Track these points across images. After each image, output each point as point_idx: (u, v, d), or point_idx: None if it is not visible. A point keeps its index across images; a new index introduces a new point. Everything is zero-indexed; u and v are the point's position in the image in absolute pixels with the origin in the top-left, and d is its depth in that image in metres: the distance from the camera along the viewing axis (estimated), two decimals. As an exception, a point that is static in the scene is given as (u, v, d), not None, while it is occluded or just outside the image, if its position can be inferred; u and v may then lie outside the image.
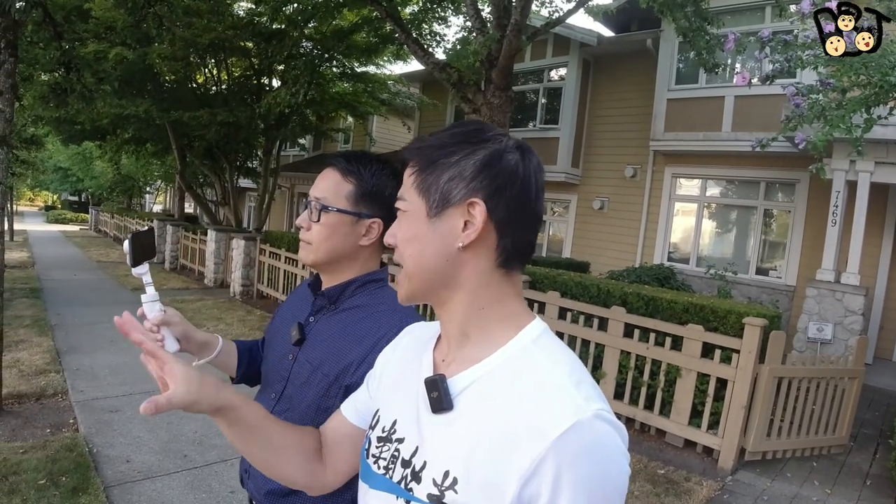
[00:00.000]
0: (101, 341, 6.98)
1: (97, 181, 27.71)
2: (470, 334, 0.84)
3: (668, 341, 4.89)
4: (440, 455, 0.78)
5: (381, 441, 0.89)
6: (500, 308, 0.83)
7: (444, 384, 0.81)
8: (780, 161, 8.86)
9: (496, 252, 0.81)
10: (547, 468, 0.67)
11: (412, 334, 1.05)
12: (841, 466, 4.80)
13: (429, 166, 0.83)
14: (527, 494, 0.69)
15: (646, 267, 9.26)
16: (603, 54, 11.53)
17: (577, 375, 0.75)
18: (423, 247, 0.83)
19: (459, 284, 0.83)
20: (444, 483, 0.75)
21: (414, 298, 0.87)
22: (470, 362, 0.82)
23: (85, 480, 3.55)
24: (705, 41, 6.30)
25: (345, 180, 1.35)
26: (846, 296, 7.01)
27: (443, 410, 0.80)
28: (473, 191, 0.80)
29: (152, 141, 14.43)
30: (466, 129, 0.85)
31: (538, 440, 0.68)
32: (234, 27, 10.04)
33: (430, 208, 0.83)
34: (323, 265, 1.39)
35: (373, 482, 0.88)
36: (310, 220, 1.35)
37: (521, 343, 0.80)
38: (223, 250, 12.37)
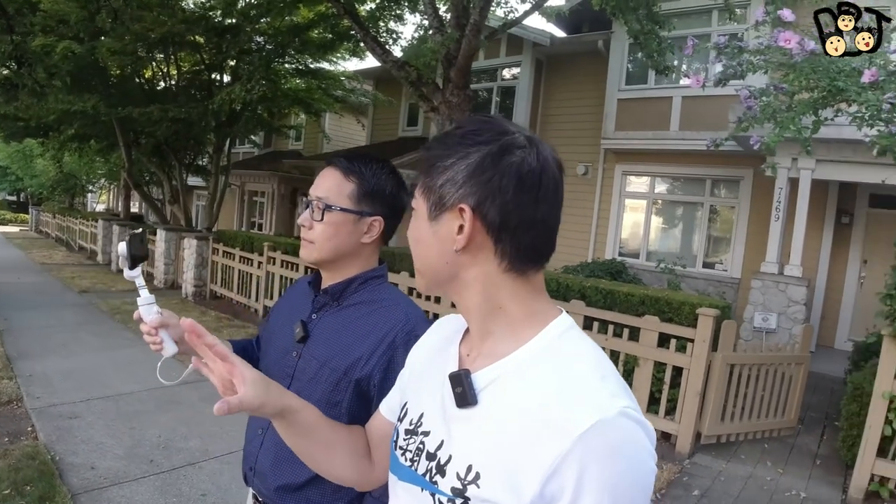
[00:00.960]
0: (52, 345, 6.75)
1: (38, 180, 26.57)
2: (492, 330, 0.84)
3: (626, 332, 5.04)
4: (464, 449, 0.78)
5: (408, 433, 0.90)
6: (519, 306, 0.82)
7: (469, 379, 0.81)
8: (726, 159, 9.22)
9: (497, 257, 0.80)
10: (570, 466, 0.67)
11: (440, 326, 1.06)
12: (791, 448, 5.07)
13: (429, 168, 0.84)
14: (549, 491, 0.68)
15: (598, 262, 9.50)
16: (556, 54, 11.72)
17: (603, 371, 0.75)
18: (425, 248, 0.85)
19: (467, 285, 0.83)
20: (467, 477, 0.75)
21: (431, 290, 0.91)
22: (495, 357, 0.82)
23: (51, 489, 3.45)
24: (656, 44, 6.51)
25: (347, 180, 1.38)
26: (789, 287, 7.36)
27: (467, 405, 0.80)
28: (463, 196, 0.79)
29: (97, 138, 13.90)
30: (465, 130, 0.83)
31: (561, 437, 0.68)
32: (185, 21, 9.78)
33: (429, 211, 0.83)
34: (326, 263, 1.41)
35: (400, 473, 0.89)
36: (312, 220, 1.37)
37: (547, 339, 0.80)
38: (173, 250, 12.07)
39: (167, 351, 1.28)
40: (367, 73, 15.16)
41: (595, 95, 10.96)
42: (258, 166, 17.87)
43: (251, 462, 1.42)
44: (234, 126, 12.15)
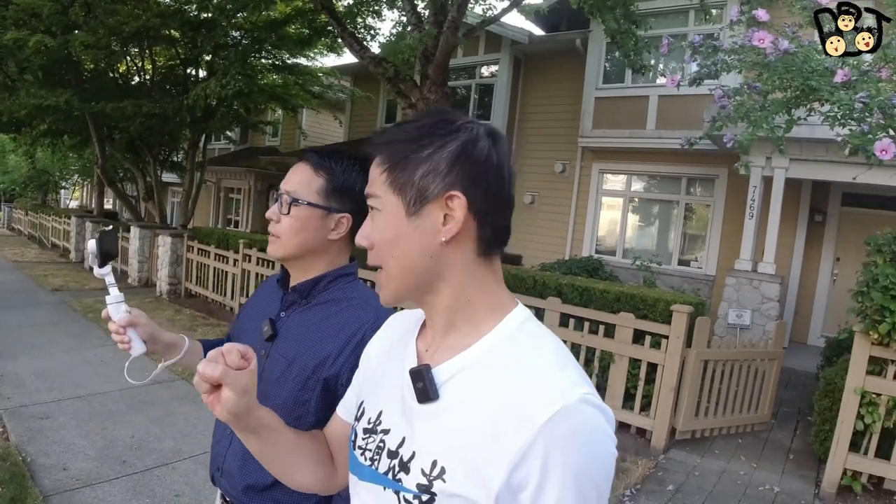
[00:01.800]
0: (22, 346, 6.62)
1: (10, 176, 26.09)
2: (457, 324, 0.84)
3: (601, 329, 5.08)
4: (428, 445, 0.78)
5: (366, 433, 0.89)
6: (485, 297, 0.83)
7: (430, 374, 0.81)
8: (701, 158, 9.30)
9: (477, 241, 0.81)
10: (535, 454, 0.68)
11: (394, 323, 1.05)
12: (765, 442, 5.14)
13: (400, 162, 0.81)
14: (515, 480, 0.69)
15: (575, 259, 9.55)
16: (534, 52, 11.75)
17: (562, 360, 0.76)
18: (406, 247, 0.82)
19: (446, 279, 0.82)
20: (432, 472, 0.75)
21: (400, 299, 0.86)
22: (455, 351, 0.82)
23: (22, 490, 3.40)
24: (633, 43, 6.55)
25: (316, 175, 1.36)
26: (763, 284, 7.47)
27: (429, 400, 0.80)
28: (450, 184, 0.79)
29: (70, 133, 13.66)
30: (434, 120, 0.83)
31: (525, 426, 0.69)
32: (160, 15, 9.64)
33: (408, 206, 0.81)
34: (292, 259, 1.39)
35: (360, 473, 0.88)
36: (279, 213, 1.35)
37: (506, 330, 0.81)
38: (147, 248, 11.89)
39: (135, 350, 1.27)
40: (345, 69, 15.06)
41: (573, 94, 11.01)
42: (234, 162, 17.68)
43: (219, 463, 1.41)
44: (209, 122, 12.02)
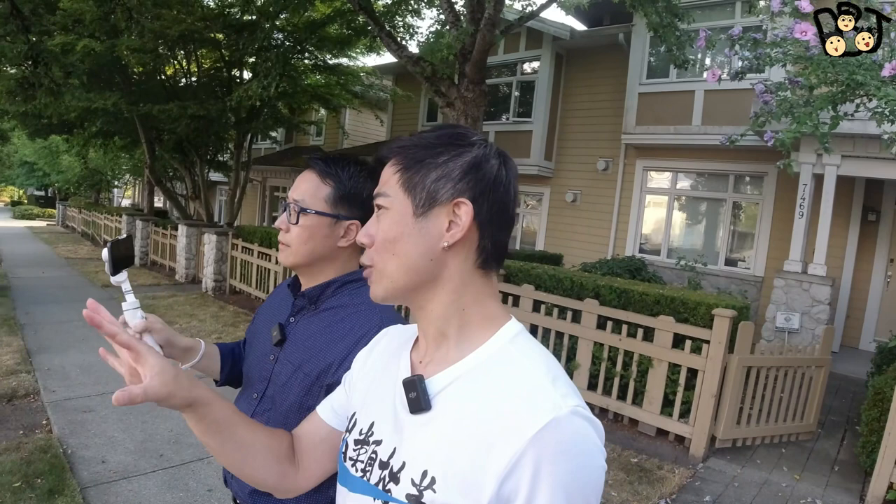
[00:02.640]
0: (71, 340, 6.86)
1: (64, 176, 27.06)
2: (449, 335, 0.84)
3: (640, 332, 4.97)
4: (419, 455, 0.78)
5: (358, 444, 0.89)
6: (479, 309, 0.84)
7: (423, 384, 0.82)
8: (749, 155, 9.04)
9: (477, 252, 0.83)
10: (525, 464, 0.68)
11: (388, 336, 1.05)
12: (809, 453, 4.93)
13: (414, 165, 0.84)
14: (505, 491, 0.69)
15: (618, 259, 9.38)
16: (576, 48, 11.59)
17: (553, 373, 0.77)
18: (408, 246, 0.83)
19: (441, 285, 0.84)
20: (422, 483, 0.76)
21: (391, 298, 0.87)
22: (448, 363, 0.83)
23: (61, 482, 3.51)
24: (675, 37, 6.37)
25: (323, 183, 1.36)
26: (813, 286, 7.19)
27: (421, 411, 0.81)
28: (460, 191, 0.81)
29: (120, 134, 14.13)
30: (453, 132, 0.86)
31: (516, 437, 0.69)
32: (204, 18, 9.87)
33: (416, 207, 0.83)
34: (302, 267, 1.40)
35: (351, 485, 0.88)
36: (288, 223, 1.36)
37: (499, 343, 0.82)
38: (194, 245, 12.20)
39: None
40: (386, 69, 15.15)
41: (616, 90, 10.84)
42: (279, 162, 17.99)
43: None
44: (253, 122, 12.24)
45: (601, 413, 5.39)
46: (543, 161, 11.82)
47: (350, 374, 1.06)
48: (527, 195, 12.78)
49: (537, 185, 12.25)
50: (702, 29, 3.42)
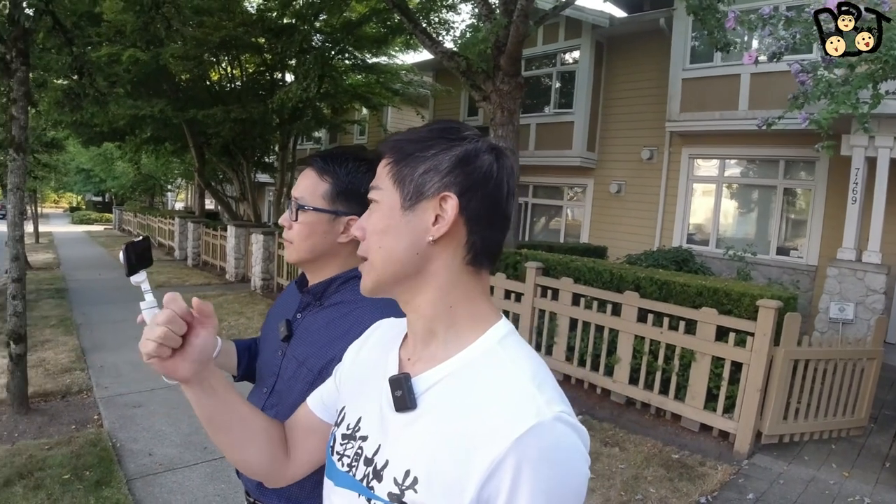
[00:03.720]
0: (124, 338, 7.12)
1: (119, 181, 28.11)
2: (437, 332, 0.84)
3: (681, 325, 4.86)
4: (402, 454, 0.78)
5: (345, 438, 0.89)
6: (468, 307, 0.83)
7: (409, 383, 0.81)
8: (800, 139, 8.68)
9: (465, 248, 0.82)
10: (506, 469, 0.68)
11: (381, 330, 1.05)
12: (860, 449, 4.74)
13: (404, 158, 0.83)
14: (485, 495, 0.69)
15: (664, 250, 9.19)
16: (616, 35, 11.38)
17: (540, 377, 0.75)
18: (395, 239, 0.83)
19: (428, 280, 0.83)
20: (404, 482, 0.75)
21: (379, 290, 0.87)
22: (435, 361, 0.82)
23: (108, 474, 3.64)
24: (716, 19, 6.17)
25: (321, 179, 1.38)
26: (867, 275, 6.88)
27: (406, 409, 0.80)
28: (447, 185, 0.80)
29: (170, 140, 14.59)
30: (444, 126, 0.85)
31: (498, 441, 0.69)
32: (244, 24, 10.09)
33: (403, 200, 0.82)
34: (305, 263, 1.42)
35: (337, 479, 0.88)
36: (290, 220, 1.38)
37: (487, 344, 0.80)
38: (243, 245, 12.50)
39: None
40: (425, 65, 15.19)
41: (658, 76, 10.59)
42: (323, 162, 18.21)
43: None
44: (296, 123, 12.45)
45: (643, 408, 5.29)
46: (586, 152, 11.65)
47: (341, 367, 1.05)
48: (569, 187, 12.64)
49: (580, 176, 12.09)
50: (730, 10, 3.30)
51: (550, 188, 13.14)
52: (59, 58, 5.69)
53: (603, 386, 5.55)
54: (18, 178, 4.62)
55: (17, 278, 4.64)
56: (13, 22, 4.41)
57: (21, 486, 3.43)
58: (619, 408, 5.38)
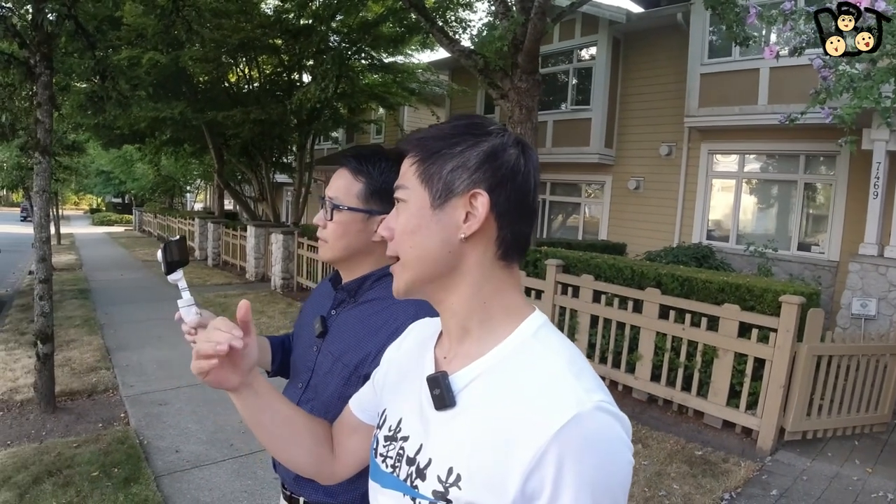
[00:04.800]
0: (148, 338, 7.21)
1: (139, 183, 28.44)
2: (471, 329, 0.84)
3: (703, 322, 4.84)
4: (444, 452, 0.78)
5: (387, 440, 0.90)
6: (501, 301, 0.83)
7: (446, 381, 0.81)
8: (820, 133, 8.57)
9: (496, 244, 0.82)
10: (549, 461, 0.67)
11: (415, 331, 1.06)
12: (883, 445, 4.70)
13: (431, 156, 0.83)
14: (529, 488, 0.68)
15: (683, 246, 9.14)
16: (633, 31, 11.31)
17: (578, 366, 0.75)
18: (425, 238, 0.83)
19: (461, 278, 0.83)
20: (448, 480, 0.76)
21: (412, 291, 0.87)
22: (471, 358, 0.82)
23: (136, 471, 3.70)
24: (735, 13, 6.12)
25: (356, 179, 1.41)
26: (890, 270, 6.79)
27: (445, 407, 0.80)
28: (476, 182, 0.80)
29: (189, 141, 14.74)
30: (469, 122, 0.85)
31: (539, 433, 0.68)
32: (262, 26, 10.18)
33: (433, 199, 0.82)
34: (340, 261, 1.45)
35: (382, 481, 0.89)
36: (325, 219, 1.42)
37: (522, 336, 0.80)
38: (263, 245, 12.61)
39: None
40: (441, 64, 15.19)
41: (676, 72, 10.50)
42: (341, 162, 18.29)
43: None
44: (314, 124, 12.51)
45: (665, 404, 5.28)
46: (604, 148, 11.60)
47: (378, 371, 1.07)
48: (587, 184, 12.59)
49: (598, 173, 12.04)
50: (751, 5, 3.28)
51: (568, 185, 13.09)
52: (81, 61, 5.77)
53: (624, 383, 5.54)
54: (44, 181, 4.70)
55: (45, 279, 4.72)
56: (36, 27, 4.48)
57: (50, 484, 3.49)
58: (641, 405, 5.37)
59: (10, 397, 4.93)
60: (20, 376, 5.44)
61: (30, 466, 3.69)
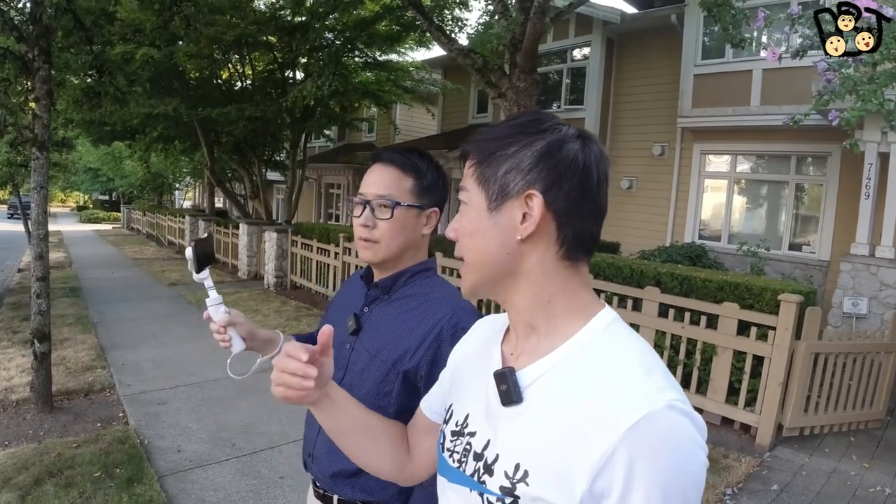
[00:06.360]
0: (143, 336, 7.17)
1: (127, 180, 28.19)
2: (537, 326, 0.83)
3: (703, 320, 4.88)
4: (511, 448, 0.78)
5: (454, 435, 0.90)
6: (566, 299, 0.82)
7: (513, 377, 0.81)
8: (811, 134, 8.67)
9: (557, 244, 0.81)
10: (618, 461, 0.66)
11: (481, 328, 1.05)
12: (878, 441, 4.78)
13: (487, 158, 0.83)
14: (598, 487, 0.68)
15: (677, 246, 9.20)
16: (627, 32, 11.37)
17: (649, 364, 0.74)
18: (484, 240, 0.83)
19: (523, 277, 0.83)
20: (515, 476, 0.75)
21: (477, 292, 0.88)
22: (538, 354, 0.82)
23: (139, 471, 3.68)
24: (731, 15, 6.16)
25: (405, 175, 1.40)
26: (881, 269, 6.89)
27: (512, 403, 0.80)
28: (531, 182, 0.79)
29: (181, 138, 14.63)
30: (523, 121, 0.84)
31: (608, 432, 0.67)
32: (257, 22, 10.11)
33: (489, 201, 0.82)
34: (392, 260, 1.43)
35: (449, 476, 0.89)
36: (375, 219, 1.39)
37: (591, 333, 0.79)
38: (255, 243, 12.56)
39: (236, 347, 1.36)
40: (435, 63, 15.20)
41: (670, 72, 10.57)
42: (333, 159, 18.31)
43: (310, 448, 1.48)
44: (307, 122, 12.47)
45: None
46: (596, 148, 11.63)
47: (445, 371, 1.08)
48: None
49: (590, 173, 12.07)
50: (760, 9, 3.32)
51: (561, 185, 13.12)
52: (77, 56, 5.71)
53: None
54: (41, 177, 4.63)
55: (42, 276, 4.65)
56: (35, 21, 4.43)
57: (52, 485, 3.46)
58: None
59: (6, 397, 4.88)
60: (15, 375, 5.39)
61: (30, 467, 3.66)
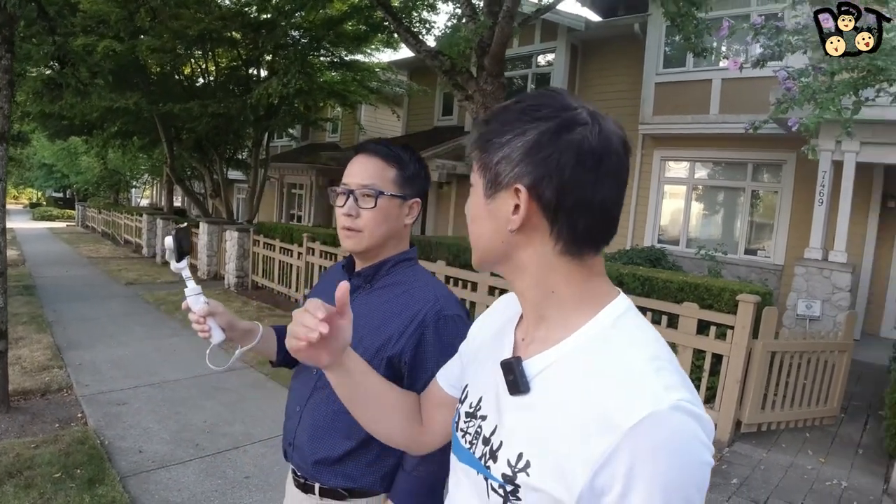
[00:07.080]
0: (99, 335, 6.99)
1: (83, 177, 27.41)
2: (546, 315, 0.82)
3: (664, 319, 4.98)
4: (515, 437, 0.78)
5: (468, 416, 0.91)
6: (573, 290, 0.80)
7: (520, 367, 0.80)
8: (768, 143, 8.99)
9: (553, 238, 0.78)
10: (619, 460, 0.65)
11: (499, 308, 1.04)
12: (833, 437, 4.95)
13: (485, 144, 0.81)
14: (598, 484, 0.67)
15: (637, 249, 9.39)
16: (591, 39, 11.56)
17: (659, 361, 0.72)
18: (480, 226, 0.83)
19: (522, 267, 0.82)
20: (517, 465, 0.75)
21: (483, 267, 0.89)
22: (547, 344, 0.80)
23: (100, 472, 3.59)
24: (693, 26, 6.36)
25: (388, 166, 1.42)
26: (834, 273, 7.16)
27: (519, 393, 0.79)
28: (518, 176, 0.76)
29: (139, 134, 14.30)
30: (524, 105, 0.79)
31: (610, 430, 0.66)
32: (222, 18, 9.97)
33: (485, 189, 0.81)
34: (375, 249, 1.45)
35: (461, 455, 0.90)
36: (359, 208, 1.40)
37: (601, 325, 0.77)
38: (216, 242, 12.35)
39: (215, 338, 1.34)
40: (401, 64, 15.20)
41: (632, 80, 10.80)
42: (296, 159, 18.11)
43: (290, 438, 1.49)
44: (272, 120, 12.33)
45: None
46: (560, 153, 11.77)
47: (465, 344, 1.07)
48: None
49: (554, 177, 12.22)
50: (725, 19, 3.44)
51: (524, 188, 13.25)
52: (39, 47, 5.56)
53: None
54: (1, 170, 4.54)
55: (-1, 273, 4.55)
56: (-1, 9, 4.31)
57: (11, 486, 3.36)
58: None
59: (-40, 396, 4.72)
60: (-32, 375, 5.20)
61: (-12, 468, 3.54)
